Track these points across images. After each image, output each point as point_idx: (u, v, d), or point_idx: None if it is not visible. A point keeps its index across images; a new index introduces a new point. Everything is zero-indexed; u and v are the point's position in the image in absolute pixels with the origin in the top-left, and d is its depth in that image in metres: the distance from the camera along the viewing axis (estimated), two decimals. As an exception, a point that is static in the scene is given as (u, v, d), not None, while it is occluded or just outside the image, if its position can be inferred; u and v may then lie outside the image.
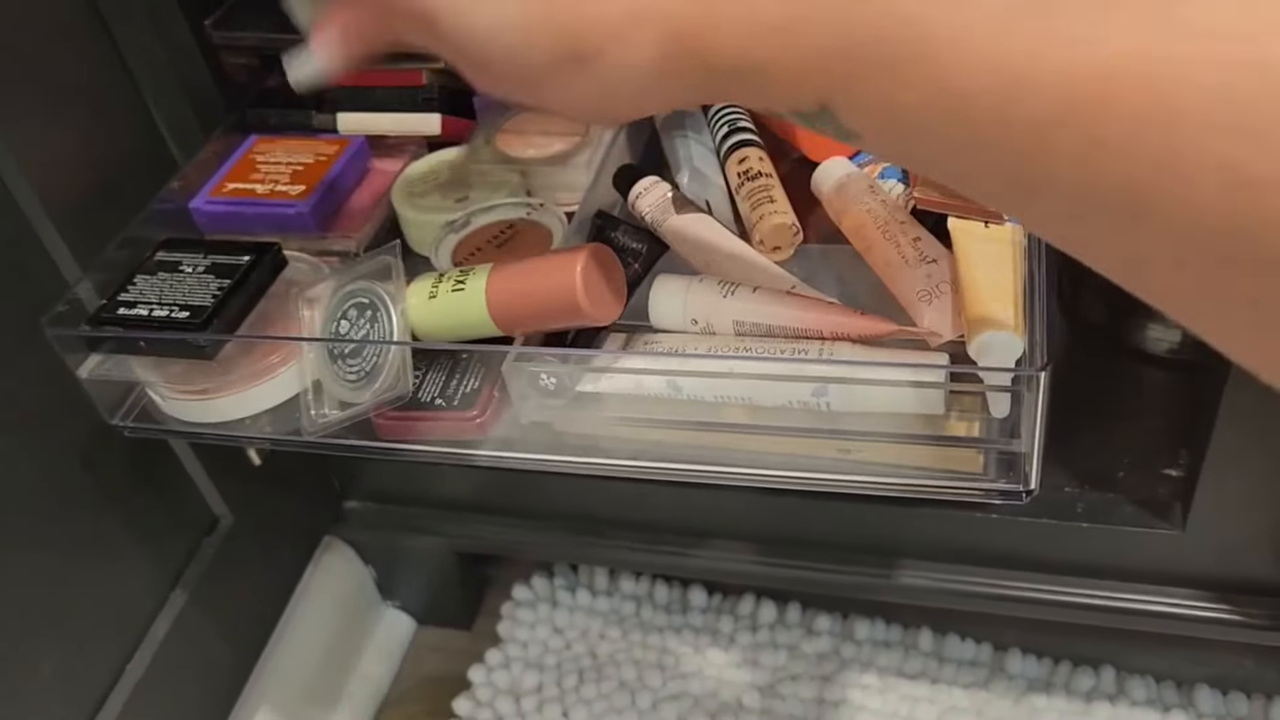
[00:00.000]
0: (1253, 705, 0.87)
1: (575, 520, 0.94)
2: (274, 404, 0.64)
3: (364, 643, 1.01)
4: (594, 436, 0.61)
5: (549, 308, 0.57)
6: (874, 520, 0.85)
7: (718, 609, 1.00)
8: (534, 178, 0.72)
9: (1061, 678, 0.91)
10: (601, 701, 0.94)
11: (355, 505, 0.97)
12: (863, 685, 0.93)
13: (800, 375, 0.55)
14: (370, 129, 0.77)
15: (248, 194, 0.72)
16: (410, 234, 0.72)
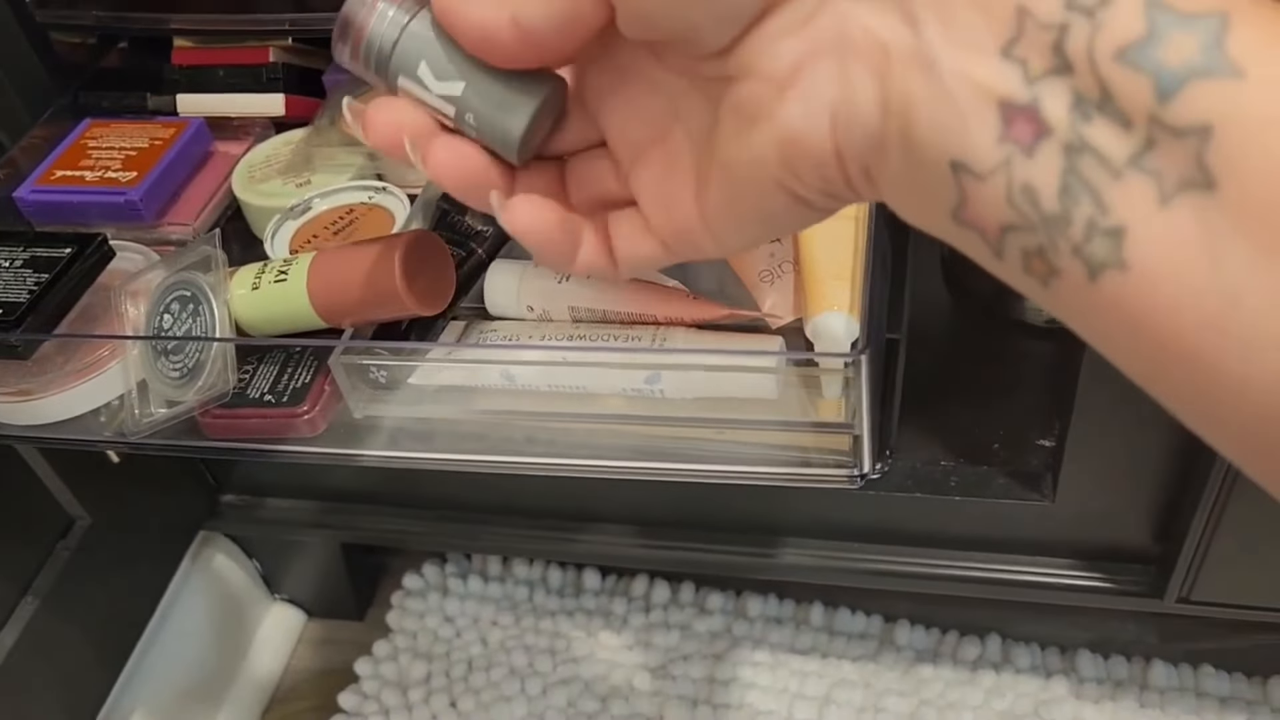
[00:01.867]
0: (1132, 667, 0.87)
1: (462, 509, 0.92)
2: (99, 403, 0.61)
3: (250, 639, 0.99)
4: (433, 425, 0.59)
5: (371, 299, 0.54)
6: (753, 500, 0.84)
7: (611, 591, 0.98)
8: (380, 159, 0.69)
9: (949, 647, 0.91)
10: (490, 690, 0.93)
11: (233, 499, 0.94)
12: (754, 662, 0.92)
13: (631, 363, 0.53)
14: (210, 110, 0.73)
15: (76, 181, 0.69)
16: (252, 221, 0.69)
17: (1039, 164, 0.23)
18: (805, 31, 0.27)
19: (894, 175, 0.27)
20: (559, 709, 0.91)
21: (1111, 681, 0.87)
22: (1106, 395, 0.67)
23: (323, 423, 0.58)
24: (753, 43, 0.28)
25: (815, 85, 0.27)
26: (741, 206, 0.31)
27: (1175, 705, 0.85)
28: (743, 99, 0.29)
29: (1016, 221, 0.24)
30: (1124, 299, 0.23)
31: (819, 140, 0.27)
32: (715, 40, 0.28)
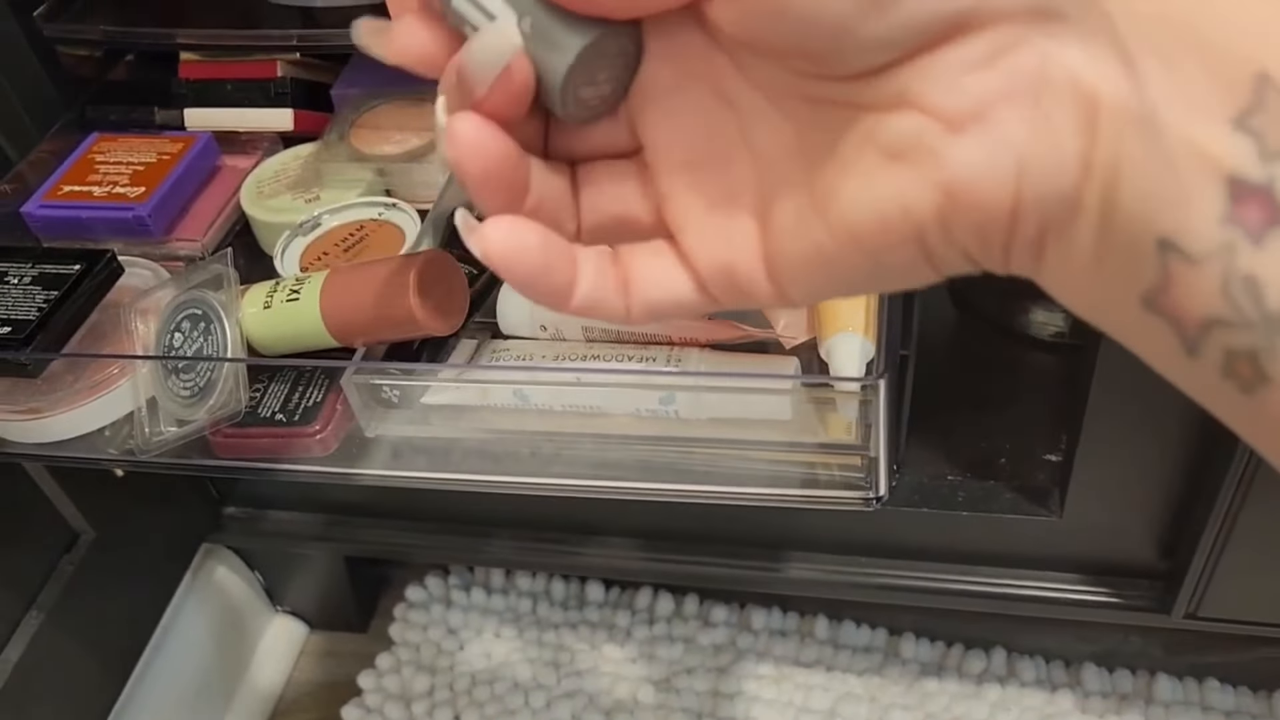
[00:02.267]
0: (1137, 681, 0.87)
1: (465, 521, 0.92)
2: (108, 421, 0.61)
3: (252, 651, 0.99)
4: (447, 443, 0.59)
5: (384, 320, 0.54)
6: (758, 514, 0.84)
7: (615, 603, 0.98)
8: (390, 175, 0.69)
9: (954, 660, 0.91)
10: (494, 703, 0.92)
11: (235, 512, 0.94)
12: (758, 676, 0.92)
13: (647, 384, 0.53)
14: (218, 125, 0.73)
15: (84, 196, 0.68)
16: (260, 237, 0.69)
17: (1268, 254, 0.20)
18: (997, 67, 0.22)
19: (1079, 246, 0.23)
20: (564, 722, 0.91)
21: (1117, 695, 0.87)
22: (1116, 411, 0.67)
23: (334, 442, 0.58)
24: (920, 71, 0.23)
25: (1003, 129, 0.22)
26: (843, 257, 0.26)
27: (1180, 718, 0.85)
28: (891, 133, 0.24)
29: (1227, 317, 0.21)
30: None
31: (996, 192, 0.23)
32: (862, 61, 0.24)
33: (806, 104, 0.26)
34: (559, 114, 0.28)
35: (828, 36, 0.23)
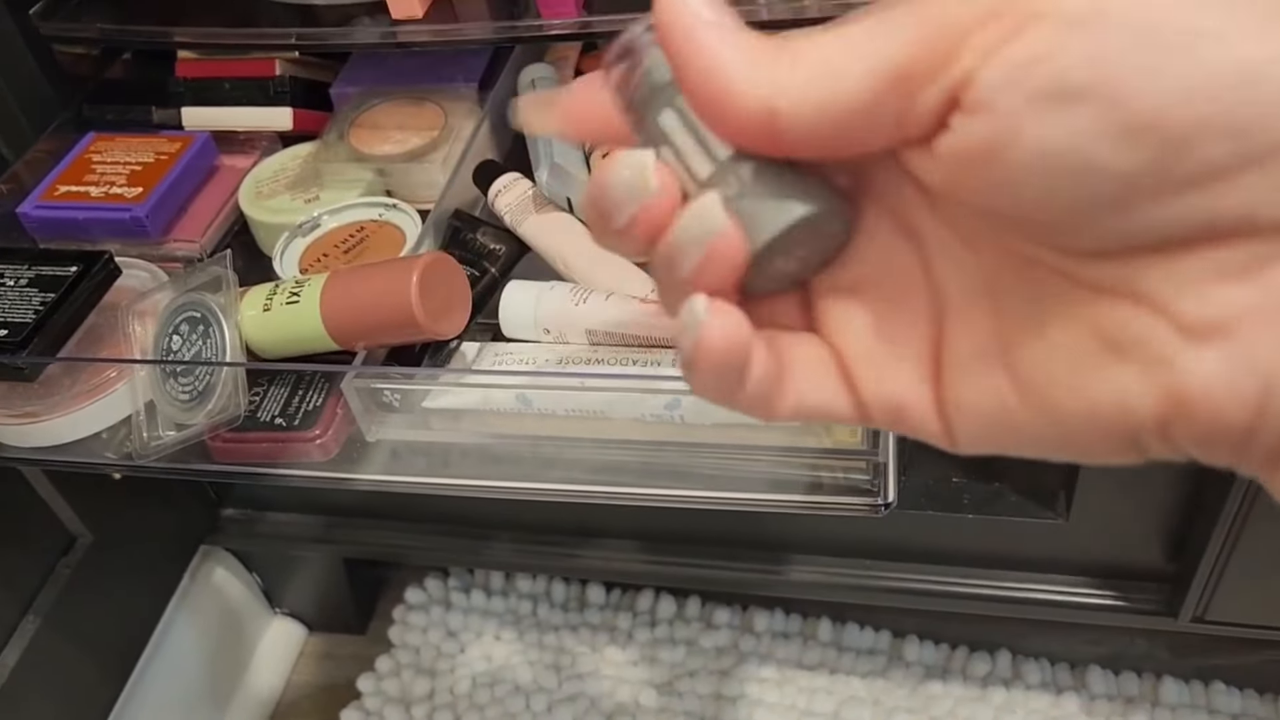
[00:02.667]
0: (1143, 684, 0.87)
1: (464, 523, 0.91)
2: (105, 426, 0.60)
3: (251, 653, 0.98)
4: (447, 446, 0.58)
5: (385, 322, 0.53)
6: (761, 516, 0.83)
7: (616, 606, 0.97)
8: (390, 175, 0.68)
9: (958, 663, 0.90)
10: (495, 706, 0.92)
11: (234, 514, 0.93)
12: (761, 679, 0.91)
13: (650, 389, 0.52)
14: (217, 124, 0.72)
15: (81, 197, 0.68)
16: (259, 237, 0.68)
17: None
18: (1255, 280, 0.20)
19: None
20: (565, 726, 0.90)
21: (1122, 698, 0.86)
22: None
23: (335, 447, 0.58)
24: (1164, 268, 0.21)
25: (1253, 348, 0.20)
26: (1031, 425, 0.24)
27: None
28: (1116, 324, 0.22)
29: None
30: None
31: (1234, 410, 0.21)
32: (1096, 243, 0.21)
33: (1008, 256, 0.23)
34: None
35: (1064, 217, 0.21)
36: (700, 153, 0.24)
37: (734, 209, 0.24)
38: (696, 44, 0.23)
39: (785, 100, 0.22)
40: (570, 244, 0.61)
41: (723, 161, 0.24)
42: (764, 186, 0.24)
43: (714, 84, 0.23)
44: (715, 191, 0.24)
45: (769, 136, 0.23)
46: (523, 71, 0.72)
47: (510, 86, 0.72)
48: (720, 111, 0.23)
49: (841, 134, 0.22)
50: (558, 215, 0.62)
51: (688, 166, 0.24)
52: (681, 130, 0.24)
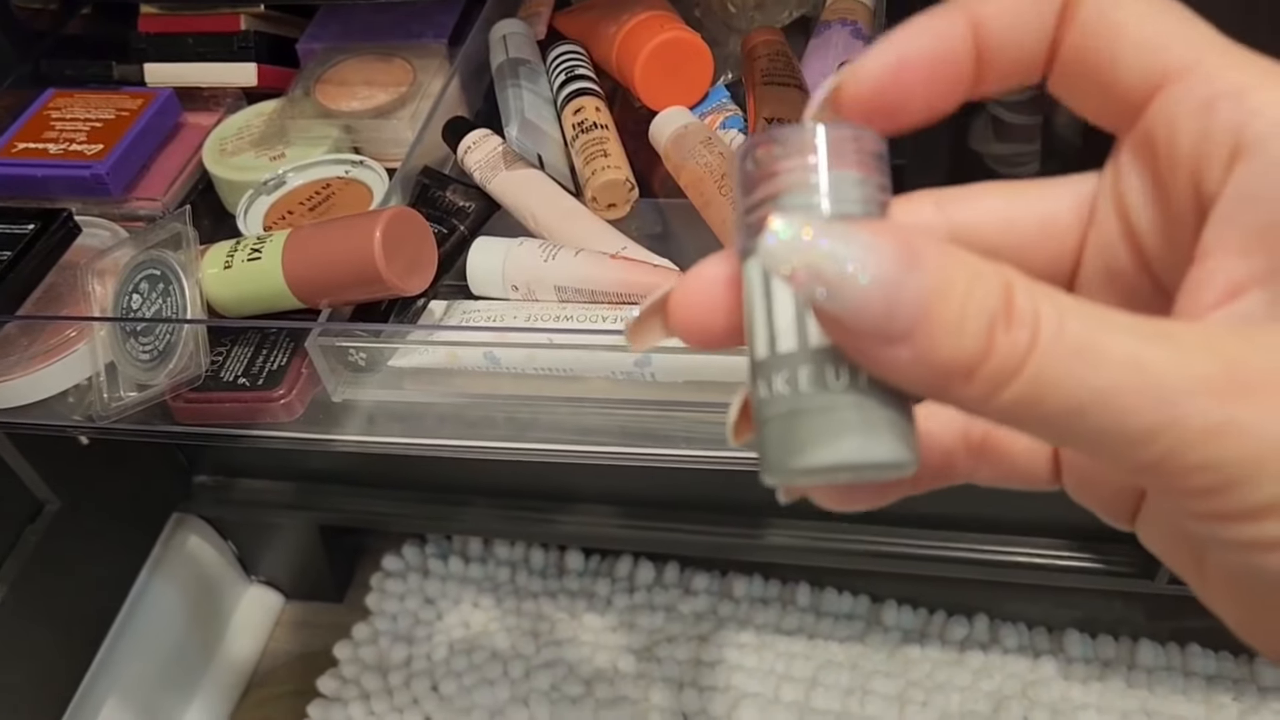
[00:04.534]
0: (1120, 647, 0.87)
1: (442, 489, 0.90)
2: (65, 386, 0.59)
3: (226, 622, 0.97)
4: (415, 407, 0.57)
5: (349, 278, 0.52)
6: (739, 480, 0.82)
7: (595, 572, 0.97)
8: (358, 132, 0.67)
9: (936, 627, 0.90)
10: (472, 673, 0.91)
11: (206, 480, 0.92)
12: (739, 644, 0.91)
13: (621, 345, 0.51)
14: (180, 80, 0.70)
15: (39, 154, 0.66)
16: (223, 196, 0.67)
17: None
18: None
19: None
20: (542, 692, 0.89)
21: (1099, 661, 0.86)
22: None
23: (300, 407, 0.56)
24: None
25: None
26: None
27: (1163, 684, 0.84)
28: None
29: None
30: None
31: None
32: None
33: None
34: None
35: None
36: (788, 323, 0.19)
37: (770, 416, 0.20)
38: (885, 362, 0.17)
39: (1001, 385, 0.17)
40: (540, 200, 0.60)
41: (810, 350, 0.19)
42: (826, 409, 0.19)
43: (928, 385, 0.17)
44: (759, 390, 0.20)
45: (936, 393, 0.18)
46: (494, 27, 0.71)
47: (481, 42, 0.71)
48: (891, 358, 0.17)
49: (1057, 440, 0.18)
50: (528, 172, 0.61)
51: (767, 317, 0.20)
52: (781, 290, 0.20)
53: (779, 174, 0.20)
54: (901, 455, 0.19)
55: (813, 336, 0.19)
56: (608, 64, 0.67)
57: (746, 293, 0.20)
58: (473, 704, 0.89)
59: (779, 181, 0.20)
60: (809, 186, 0.19)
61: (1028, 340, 0.16)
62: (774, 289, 0.20)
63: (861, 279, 0.17)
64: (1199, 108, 0.19)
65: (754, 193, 0.20)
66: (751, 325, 0.20)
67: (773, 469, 0.20)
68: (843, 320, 0.17)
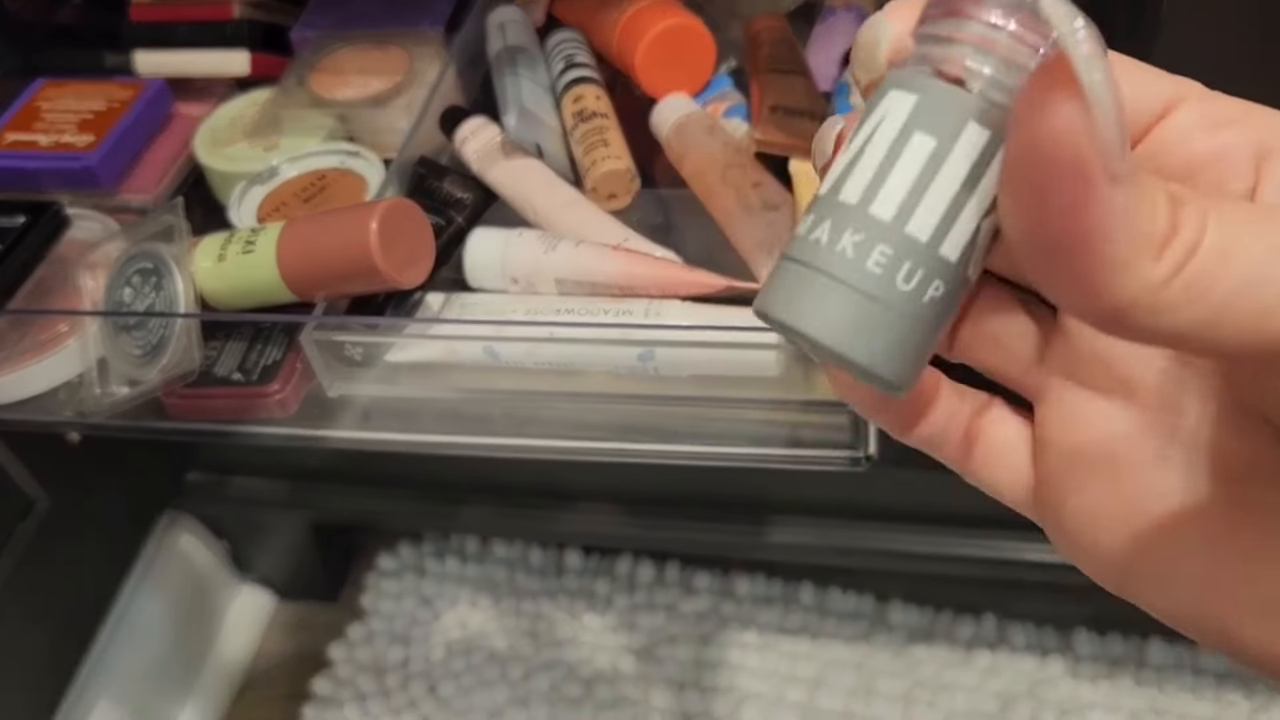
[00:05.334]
0: (1128, 645, 0.85)
1: (438, 487, 0.89)
2: (56, 382, 0.58)
3: (218, 622, 0.96)
4: (412, 403, 0.56)
5: (345, 270, 0.51)
6: (741, 477, 0.81)
7: (594, 571, 0.96)
8: (352, 121, 0.65)
9: (943, 626, 0.89)
10: (470, 674, 0.90)
11: (198, 477, 0.91)
12: (742, 644, 0.90)
13: (624, 339, 0.50)
14: (171, 69, 0.69)
15: (29, 146, 0.65)
16: (216, 187, 0.65)
17: None
18: None
19: None
20: (542, 694, 0.88)
21: (1108, 659, 0.85)
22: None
23: (294, 402, 0.55)
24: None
25: None
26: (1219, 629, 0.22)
27: (1172, 682, 0.83)
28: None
29: None
30: None
31: None
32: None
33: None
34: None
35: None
36: (899, 191, 0.19)
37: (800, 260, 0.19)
38: (1089, 203, 0.16)
39: (1146, 312, 0.17)
40: (539, 191, 0.58)
41: (904, 235, 0.19)
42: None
43: (1084, 263, 0.17)
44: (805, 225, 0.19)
45: (1097, 324, 0.18)
46: (491, 14, 0.69)
47: (478, 29, 0.69)
48: (1064, 287, 0.17)
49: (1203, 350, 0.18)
50: (527, 161, 0.60)
51: (879, 168, 0.19)
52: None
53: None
54: (900, 378, 0.20)
55: (914, 222, 0.18)
56: (608, 51, 0.65)
57: (870, 125, 0.19)
58: (471, 706, 0.88)
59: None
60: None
61: (1200, 220, 0.17)
62: (908, 147, 0.18)
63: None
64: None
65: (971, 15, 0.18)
66: (854, 161, 0.19)
67: (773, 309, 0.19)
68: (1091, 134, 0.16)
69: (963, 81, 0.18)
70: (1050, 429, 0.23)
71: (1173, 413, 0.22)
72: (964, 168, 0.18)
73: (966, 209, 0.19)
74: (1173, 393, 0.22)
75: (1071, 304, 0.18)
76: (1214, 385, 0.21)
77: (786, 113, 0.58)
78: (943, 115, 0.18)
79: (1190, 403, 0.21)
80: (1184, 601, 0.22)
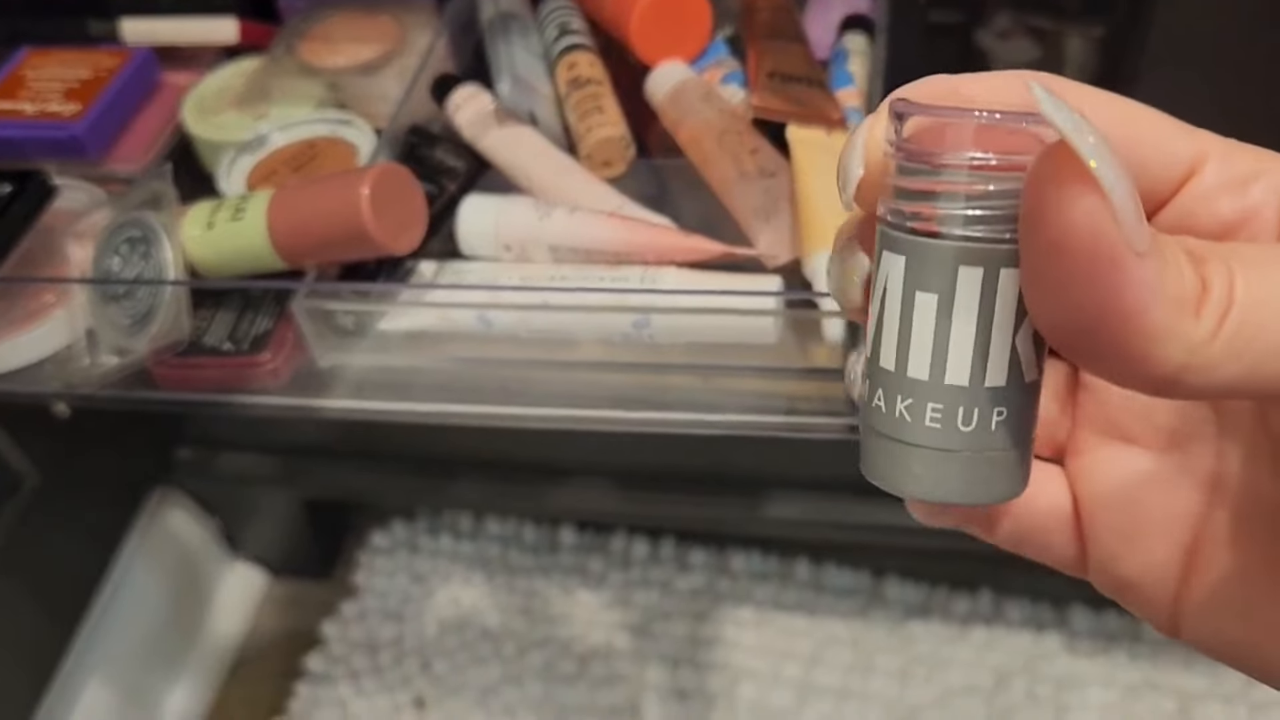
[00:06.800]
0: (1124, 620, 0.85)
1: (431, 462, 0.89)
2: (44, 354, 0.57)
3: (210, 600, 0.95)
4: (405, 374, 0.55)
5: (336, 236, 0.50)
6: (737, 451, 0.81)
7: (588, 547, 0.95)
8: (343, 89, 0.65)
9: (939, 601, 0.89)
10: (464, 652, 0.90)
11: (189, 453, 0.90)
12: (738, 620, 0.90)
13: (619, 305, 0.49)
14: (158, 38, 0.68)
15: (14, 115, 0.64)
16: (205, 156, 0.64)
17: None
18: None
19: None
20: (535, 671, 0.88)
21: (1104, 635, 0.85)
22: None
23: (286, 372, 0.54)
24: None
25: None
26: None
27: (1167, 657, 0.83)
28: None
29: None
30: None
31: None
32: None
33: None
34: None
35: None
36: (923, 349, 0.19)
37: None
38: (1122, 283, 0.16)
39: (1199, 371, 0.17)
40: (533, 158, 0.58)
41: (945, 385, 0.19)
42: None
43: (1128, 340, 0.17)
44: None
45: (1151, 391, 0.18)
46: (484, -18, 0.68)
47: (471, -3, 0.68)
48: (1111, 364, 0.17)
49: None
50: (520, 129, 0.59)
51: (900, 329, 0.19)
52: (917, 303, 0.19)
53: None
54: (1010, 493, 0.21)
55: (950, 373, 0.19)
56: (601, 17, 0.64)
57: (879, 286, 0.20)
58: (464, 683, 0.88)
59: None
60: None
61: (1227, 273, 0.17)
62: (915, 307, 0.19)
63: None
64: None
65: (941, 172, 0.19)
66: (879, 327, 0.20)
67: (882, 480, 0.21)
68: (1112, 218, 0.16)
69: (938, 233, 0.19)
70: (1090, 484, 0.23)
71: (1214, 458, 0.22)
72: (973, 309, 0.19)
73: (994, 339, 0.19)
74: (1212, 439, 0.22)
75: (1121, 378, 0.18)
76: (1250, 427, 0.21)
77: (784, 79, 0.58)
78: (933, 270, 0.19)
79: (1229, 447, 0.21)
80: (1234, 641, 0.22)
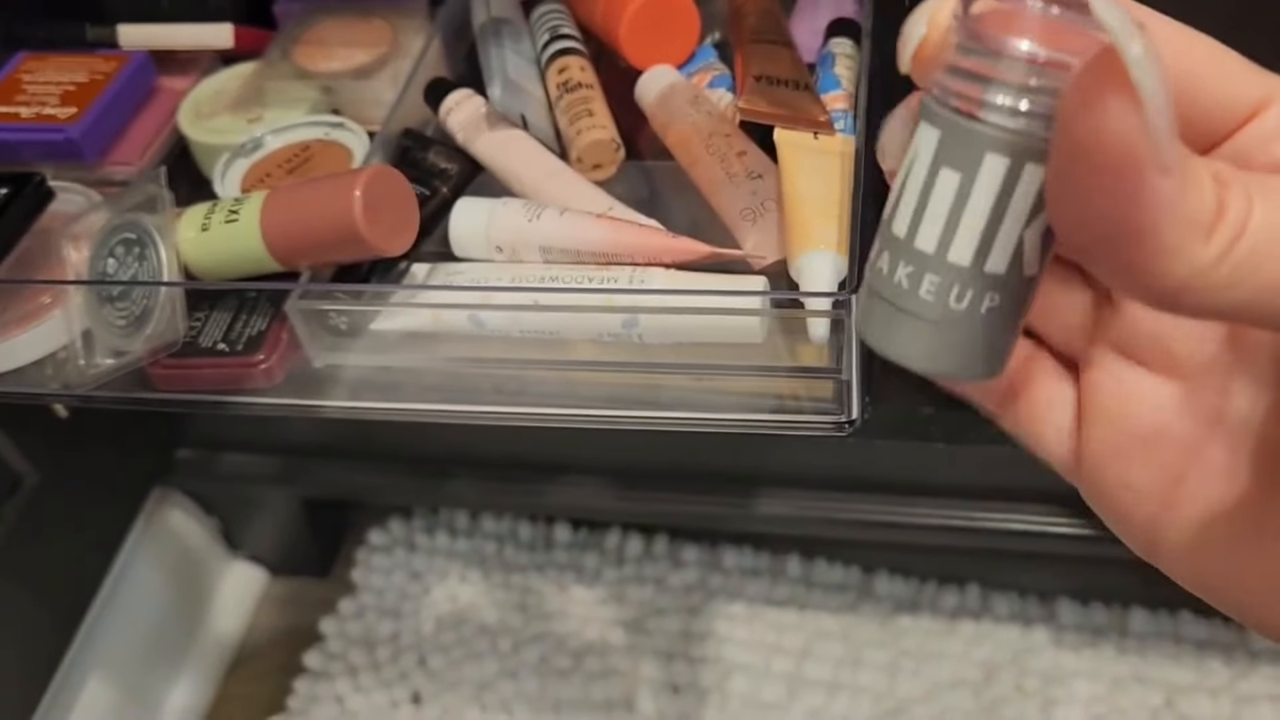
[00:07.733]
0: (1112, 614, 0.86)
1: (428, 461, 0.89)
2: (40, 355, 0.58)
3: (210, 599, 0.96)
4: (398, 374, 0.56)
5: (329, 238, 0.51)
6: (728, 449, 0.82)
7: (583, 545, 0.96)
8: (337, 93, 0.65)
9: (928, 597, 0.90)
10: (460, 648, 0.90)
11: (188, 454, 0.91)
12: (730, 616, 0.91)
13: (607, 306, 0.50)
14: (154, 42, 0.69)
15: (10, 118, 0.64)
16: (200, 159, 0.65)
17: None
18: None
19: None
20: (531, 666, 0.89)
21: (1091, 629, 0.86)
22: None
23: (280, 373, 0.55)
24: None
25: None
26: (1256, 595, 0.22)
27: (1154, 651, 0.84)
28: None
29: None
30: None
31: None
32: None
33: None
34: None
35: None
36: (936, 224, 0.21)
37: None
38: (1140, 195, 0.17)
39: (1199, 292, 0.17)
40: (524, 161, 0.58)
41: (947, 263, 0.21)
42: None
43: (1136, 251, 0.17)
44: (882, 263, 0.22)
45: (1150, 305, 0.18)
46: (476, -14, 0.69)
47: (462, 1, 0.69)
48: (1117, 273, 0.18)
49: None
50: (511, 132, 0.60)
51: (919, 201, 0.21)
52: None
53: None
54: (983, 375, 0.22)
55: (953, 250, 0.20)
56: (592, 23, 0.65)
57: (910, 155, 0.21)
58: (461, 678, 0.89)
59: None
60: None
61: (1246, 200, 0.17)
62: (937, 181, 0.20)
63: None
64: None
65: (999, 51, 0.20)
66: (900, 194, 0.21)
67: (868, 338, 0.22)
68: (1143, 129, 0.17)
69: (977, 116, 0.20)
70: (1097, 397, 0.24)
71: (1219, 393, 0.22)
72: (990, 195, 0.20)
73: (1003, 227, 0.20)
74: (1221, 374, 0.22)
75: (1124, 287, 0.19)
76: (1262, 370, 0.22)
77: (770, 83, 0.58)
78: (962, 150, 0.20)
79: (1238, 385, 0.22)
80: (1210, 573, 0.23)
